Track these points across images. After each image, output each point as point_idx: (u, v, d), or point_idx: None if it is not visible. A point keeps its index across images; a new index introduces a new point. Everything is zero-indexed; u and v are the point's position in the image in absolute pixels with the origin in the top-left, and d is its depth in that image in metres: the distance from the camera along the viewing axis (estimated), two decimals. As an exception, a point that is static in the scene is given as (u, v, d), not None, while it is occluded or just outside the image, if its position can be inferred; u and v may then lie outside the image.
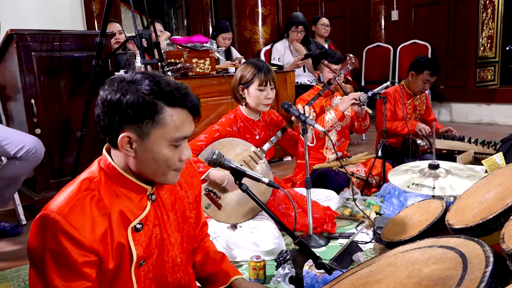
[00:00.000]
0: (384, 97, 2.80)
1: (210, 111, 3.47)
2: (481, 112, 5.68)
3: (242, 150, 2.21)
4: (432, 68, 3.37)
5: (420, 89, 3.45)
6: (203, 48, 3.41)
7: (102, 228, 1.02)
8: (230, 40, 4.42)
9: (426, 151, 3.23)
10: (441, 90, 5.73)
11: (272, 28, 4.89)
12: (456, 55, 5.73)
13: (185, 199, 1.26)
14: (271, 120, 2.43)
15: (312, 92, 3.04)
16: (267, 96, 2.18)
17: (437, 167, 1.47)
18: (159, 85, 1.02)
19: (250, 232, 2.13)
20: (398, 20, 6.24)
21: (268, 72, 2.17)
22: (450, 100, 5.86)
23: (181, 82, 1.08)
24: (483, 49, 5.17)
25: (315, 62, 3.06)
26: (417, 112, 3.61)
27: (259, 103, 2.21)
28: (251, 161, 2.21)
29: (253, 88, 2.19)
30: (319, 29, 4.77)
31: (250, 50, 4.88)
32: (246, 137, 2.29)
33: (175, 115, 1.03)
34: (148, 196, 1.14)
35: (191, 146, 2.15)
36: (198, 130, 3.28)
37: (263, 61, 2.28)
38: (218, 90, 3.50)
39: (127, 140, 1.04)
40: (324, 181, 2.82)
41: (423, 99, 3.64)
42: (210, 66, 3.48)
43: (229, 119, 2.27)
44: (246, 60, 4.55)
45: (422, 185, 1.42)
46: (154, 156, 1.05)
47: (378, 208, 2.54)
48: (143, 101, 1.01)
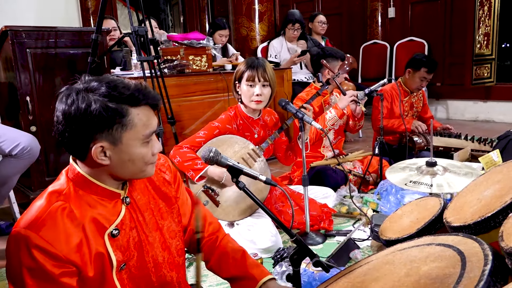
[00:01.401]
0: (381, 94, 2.80)
1: (206, 108, 3.45)
2: (477, 109, 5.69)
3: (240, 147, 2.21)
4: (429, 65, 3.37)
5: (417, 86, 3.45)
6: (199, 45, 3.39)
7: (77, 239, 1.01)
8: (227, 37, 4.41)
9: (423, 148, 3.23)
10: (438, 87, 5.74)
11: (269, 25, 4.88)
12: (452, 52, 5.74)
13: (159, 196, 1.25)
14: (270, 120, 2.43)
15: (310, 91, 3.03)
16: (255, 93, 2.16)
17: (434, 164, 1.46)
18: (118, 89, 1.02)
19: (247, 229, 2.13)
20: (394, 17, 6.24)
21: (257, 67, 2.15)
22: (446, 97, 5.87)
23: (137, 82, 1.08)
24: (480, 46, 5.18)
25: (318, 62, 3.05)
26: (414, 109, 3.61)
27: (248, 99, 2.19)
28: (249, 158, 2.20)
29: (243, 84, 2.18)
30: (316, 26, 4.76)
31: (246, 47, 4.87)
32: (245, 135, 2.29)
33: (141, 113, 1.04)
34: (122, 200, 1.13)
35: (190, 143, 2.15)
36: (194, 128, 3.32)
37: (262, 58, 2.26)
38: (215, 87, 3.49)
39: (101, 149, 1.03)
40: (321, 178, 2.82)
41: (420, 97, 3.63)
42: (207, 63, 3.46)
43: (229, 116, 2.26)
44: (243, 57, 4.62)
45: (419, 182, 1.41)
46: (130, 158, 1.06)
47: (375, 206, 2.54)
48: (109, 108, 1.00)
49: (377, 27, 6.33)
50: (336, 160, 2.88)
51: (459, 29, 5.55)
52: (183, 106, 3.30)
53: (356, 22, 6.65)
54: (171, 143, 3.04)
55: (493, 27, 5.27)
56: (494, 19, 5.25)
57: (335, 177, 2.83)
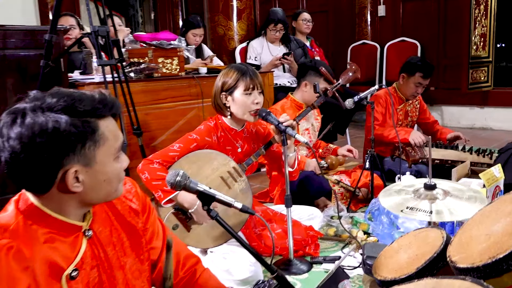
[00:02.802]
0: (371, 102, 2.76)
1: (178, 117, 3.39)
2: (474, 116, 5.74)
3: (220, 164, 2.14)
4: (424, 69, 3.36)
5: (412, 93, 3.44)
6: (170, 46, 3.34)
7: (23, 285, 0.91)
8: (202, 37, 4.34)
9: (417, 161, 3.20)
10: (432, 92, 5.76)
11: (248, 24, 4.87)
12: (447, 54, 5.78)
13: (123, 228, 1.16)
14: (257, 132, 2.37)
15: (286, 104, 3.04)
16: (254, 101, 2.12)
17: (433, 187, 1.41)
18: (82, 102, 0.97)
19: (222, 258, 2.06)
20: (385, 15, 6.27)
21: (254, 75, 2.14)
22: (441, 102, 5.91)
23: (98, 91, 1.04)
24: (476, 48, 5.22)
25: (303, 71, 3.05)
26: (408, 118, 3.60)
27: (246, 110, 2.14)
28: (229, 178, 2.14)
29: (239, 93, 2.12)
30: (300, 25, 4.73)
31: (223, 48, 4.83)
32: (226, 149, 2.22)
33: (109, 125, 1.02)
34: (83, 233, 1.05)
35: (162, 157, 2.07)
36: (164, 139, 3.27)
37: (247, 64, 2.24)
38: (188, 93, 3.43)
39: (74, 175, 0.96)
40: (304, 185, 2.78)
41: (416, 104, 3.62)
42: (179, 67, 3.41)
43: (209, 127, 2.20)
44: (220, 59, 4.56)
45: (417, 209, 1.35)
46: (107, 177, 1.02)
47: (366, 227, 2.50)
48: (78, 124, 0.94)
49: (366, 26, 6.34)
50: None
51: (454, 29, 5.59)
52: (151, 115, 3.23)
53: (344, 21, 6.66)
54: (137, 157, 2.96)
55: (490, 27, 5.33)
56: (491, 19, 5.31)
57: (318, 181, 2.77)
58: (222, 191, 2.07)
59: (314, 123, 3.15)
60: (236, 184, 2.16)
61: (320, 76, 2.91)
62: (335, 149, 3.09)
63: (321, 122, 3.24)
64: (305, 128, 3.06)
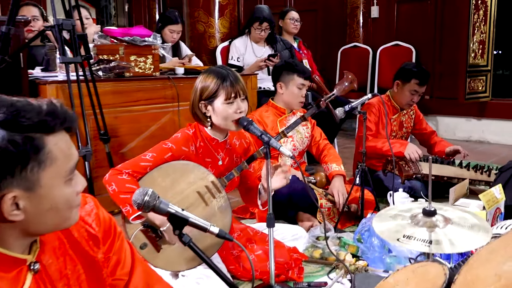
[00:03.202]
0: (364, 112, 2.74)
1: (151, 121, 3.34)
2: (470, 128, 5.78)
3: (197, 178, 2.08)
4: (420, 76, 3.37)
5: (407, 102, 3.45)
6: (144, 43, 3.28)
7: None
8: (180, 34, 4.29)
9: (411, 177, 3.19)
10: (426, 100, 5.78)
11: (231, 21, 4.84)
12: (443, 61, 5.82)
13: (79, 257, 1.07)
14: (240, 145, 2.32)
15: (267, 111, 3.03)
16: (237, 110, 2.06)
17: (433, 213, 1.36)
18: (26, 114, 0.88)
19: (195, 283, 2.02)
20: (378, 17, 6.29)
21: (236, 81, 2.07)
22: (436, 112, 5.94)
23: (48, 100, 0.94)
24: (474, 55, 5.26)
25: (278, 72, 3.06)
26: (403, 129, 3.60)
27: (228, 121, 2.08)
28: (207, 193, 2.08)
29: (219, 103, 2.05)
30: (287, 24, 4.71)
31: (203, 47, 4.80)
32: (205, 161, 2.17)
33: (59, 142, 0.93)
34: (28, 267, 0.96)
35: (132, 167, 2.00)
36: (135, 146, 3.24)
37: (228, 67, 2.16)
38: (162, 96, 3.39)
39: (12, 201, 0.88)
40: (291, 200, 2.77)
41: (411, 114, 3.63)
42: (153, 66, 3.36)
43: (187, 136, 2.13)
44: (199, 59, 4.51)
45: (414, 238, 1.30)
46: (53, 204, 0.93)
47: (355, 249, 2.46)
48: (19, 142, 0.85)
49: (358, 28, 6.36)
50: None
51: (451, 34, 5.64)
52: (121, 118, 3.18)
53: (334, 21, 6.67)
54: (103, 165, 2.93)
55: (489, 34, 5.38)
56: (490, 25, 5.37)
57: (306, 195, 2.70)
58: (198, 208, 2.05)
59: (301, 130, 3.11)
60: (214, 201, 2.10)
61: (293, 73, 2.96)
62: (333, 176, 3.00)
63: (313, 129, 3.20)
64: (289, 135, 3.02)
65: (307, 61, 4.72)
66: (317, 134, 3.21)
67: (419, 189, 3.23)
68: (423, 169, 3.19)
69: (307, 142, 3.18)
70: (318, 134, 3.21)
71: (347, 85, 2.74)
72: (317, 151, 3.18)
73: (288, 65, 3.04)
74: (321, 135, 3.22)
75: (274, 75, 3.13)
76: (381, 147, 3.26)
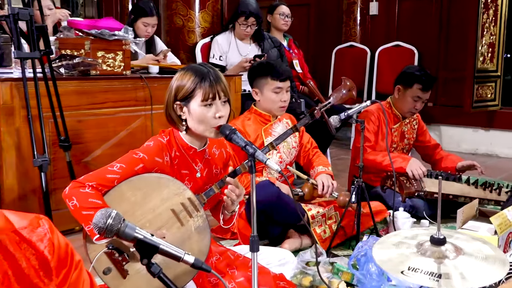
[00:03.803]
0: (362, 121, 2.71)
1: (120, 126, 3.32)
2: (477, 139, 5.82)
3: (172, 193, 2.03)
4: (423, 81, 3.38)
5: (409, 109, 3.46)
6: (114, 37, 3.27)
7: None
8: (154, 28, 4.28)
9: (413, 194, 3.20)
10: (429, 108, 5.81)
11: (214, 15, 4.81)
12: (448, 65, 5.87)
13: None
14: (220, 155, 2.28)
15: (248, 118, 3.03)
16: (216, 114, 2.02)
17: (442, 242, 1.32)
18: None
19: None
20: (377, 15, 6.34)
21: (216, 80, 2.02)
22: (439, 121, 5.97)
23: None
24: (483, 59, 5.30)
25: (251, 76, 3.06)
26: (405, 140, 3.61)
27: (206, 126, 2.04)
28: (183, 212, 2.04)
29: (196, 105, 2.01)
30: (277, 20, 4.70)
31: (182, 43, 4.76)
32: (182, 173, 2.13)
33: None
34: None
35: (98, 180, 1.95)
36: (101, 154, 3.23)
37: (209, 65, 2.12)
38: (134, 97, 3.37)
39: None
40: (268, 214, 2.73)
41: (413, 124, 3.63)
42: (123, 63, 3.35)
43: (160, 144, 2.09)
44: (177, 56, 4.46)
45: (420, 270, 1.26)
46: None
47: (349, 277, 2.45)
48: None
49: (355, 26, 6.38)
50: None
51: (458, 36, 5.69)
52: (85, 123, 3.16)
53: (329, 18, 6.69)
54: (62, 175, 2.92)
55: (499, 36, 5.43)
56: (501, 27, 5.41)
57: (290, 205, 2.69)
58: (173, 228, 2.01)
59: (289, 140, 3.09)
60: (191, 220, 2.05)
61: (266, 76, 2.94)
62: (319, 173, 3.00)
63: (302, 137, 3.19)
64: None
65: (297, 61, 4.72)
66: (306, 141, 3.19)
67: (421, 208, 3.23)
68: (426, 186, 3.19)
69: (294, 152, 3.15)
70: (307, 141, 3.19)
71: (345, 93, 2.72)
72: (306, 161, 3.17)
73: (260, 67, 3.01)
74: (311, 143, 3.20)
75: (249, 80, 3.12)
76: (381, 161, 3.25)
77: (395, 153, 3.43)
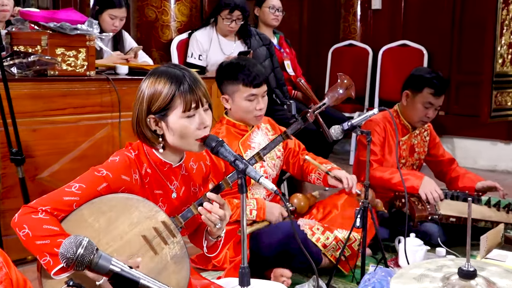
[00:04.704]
0: (368, 132, 2.71)
1: (82, 137, 3.32)
2: (496, 154, 5.87)
3: (143, 217, 2.03)
4: (435, 84, 3.41)
5: (420, 118, 3.48)
6: (75, 31, 3.27)
7: None
8: (123, 21, 4.28)
9: (426, 218, 3.22)
10: (441, 118, 5.83)
11: (192, 7, 4.85)
12: (462, 67, 5.93)
13: None
14: (198, 169, 2.27)
15: (219, 129, 2.98)
16: (201, 124, 2.02)
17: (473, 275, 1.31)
18: None
19: None
20: (381, 9, 6.40)
21: (195, 84, 2.01)
22: (452, 133, 6.01)
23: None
24: (502, 61, 5.33)
25: (219, 80, 2.99)
26: (415, 155, 3.64)
27: (188, 140, 2.03)
28: (156, 238, 2.03)
29: (176, 117, 2.00)
30: (266, 14, 4.72)
31: (154, 39, 4.79)
32: (154, 193, 2.12)
33: None
34: None
35: (53, 203, 1.93)
36: (59, 169, 3.23)
37: (182, 66, 2.11)
38: (98, 103, 3.38)
39: None
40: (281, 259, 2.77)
41: (424, 136, 3.65)
42: (87, 62, 3.36)
43: (128, 160, 2.07)
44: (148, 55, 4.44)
45: (449, 309, 1.25)
46: None
47: (355, 316, 2.43)
48: None
49: (355, 21, 6.44)
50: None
51: (473, 34, 5.74)
52: (40, 132, 3.15)
53: (325, 12, 6.75)
54: (14, 194, 2.90)
55: (521, 35, 5.49)
56: (523, 24, 5.47)
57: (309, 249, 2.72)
58: (145, 258, 1.99)
59: (265, 138, 3.08)
60: (166, 248, 2.05)
61: (237, 82, 2.86)
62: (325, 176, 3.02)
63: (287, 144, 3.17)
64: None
65: (289, 62, 4.74)
66: (293, 145, 3.16)
67: (435, 234, 3.24)
68: (441, 208, 3.20)
69: (279, 164, 3.13)
70: (294, 145, 3.16)
71: (342, 93, 2.72)
72: (297, 168, 3.14)
73: (228, 69, 2.92)
74: (299, 146, 3.17)
75: (217, 84, 3.04)
76: (389, 179, 3.27)
77: (405, 170, 3.43)
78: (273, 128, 3.14)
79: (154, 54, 4.70)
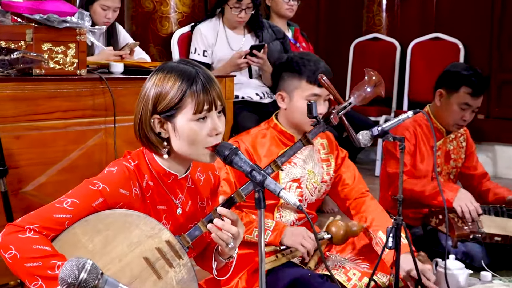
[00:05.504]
0: (401, 138, 2.70)
1: (72, 144, 3.31)
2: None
3: (145, 236, 2.03)
4: (473, 83, 3.42)
5: (455, 121, 3.49)
6: (64, 24, 3.26)
7: None
8: (117, 12, 4.32)
9: (467, 237, 3.22)
10: (479, 122, 5.85)
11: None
12: (504, 64, 5.94)
13: None
14: (206, 181, 2.27)
15: (262, 132, 2.98)
16: (213, 131, 2.02)
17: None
18: None
19: None
20: (410, -1, 6.41)
21: (210, 83, 2.01)
22: (492, 139, 6.03)
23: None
24: (550, 57, 5.36)
25: (276, 74, 3.01)
26: (451, 162, 3.65)
27: (197, 147, 2.03)
28: (160, 260, 2.03)
29: (185, 120, 2.01)
30: (279, 3, 4.78)
31: (152, 33, 4.83)
32: (157, 209, 2.12)
33: None
34: None
35: (42, 221, 1.93)
36: (46, 182, 3.23)
37: (194, 62, 2.10)
38: (91, 105, 3.38)
39: None
40: None
41: (461, 141, 3.66)
42: (77, 60, 3.37)
43: (126, 171, 2.08)
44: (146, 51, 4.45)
45: None
46: None
47: None
48: None
49: (380, 12, 6.51)
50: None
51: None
52: (25, 139, 3.15)
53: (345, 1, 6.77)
54: None
55: None
56: None
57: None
58: (147, 283, 2.01)
59: (318, 169, 3.04)
60: (171, 271, 2.05)
61: (300, 77, 2.86)
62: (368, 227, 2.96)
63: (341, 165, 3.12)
64: (296, 177, 2.99)
65: (307, 57, 4.74)
66: (348, 174, 3.08)
67: (478, 256, 3.25)
68: (484, 226, 3.20)
69: (324, 189, 3.07)
70: (350, 174, 3.08)
71: (370, 91, 2.70)
72: (344, 201, 3.08)
73: (291, 62, 2.92)
74: (356, 178, 3.08)
75: (272, 78, 3.07)
76: (420, 191, 3.29)
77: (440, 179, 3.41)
78: (329, 145, 3.09)
79: (151, 50, 4.74)
